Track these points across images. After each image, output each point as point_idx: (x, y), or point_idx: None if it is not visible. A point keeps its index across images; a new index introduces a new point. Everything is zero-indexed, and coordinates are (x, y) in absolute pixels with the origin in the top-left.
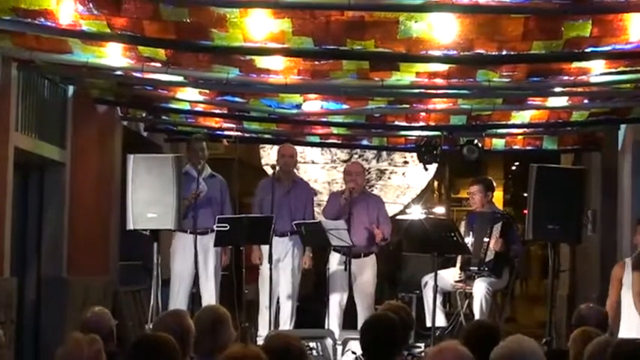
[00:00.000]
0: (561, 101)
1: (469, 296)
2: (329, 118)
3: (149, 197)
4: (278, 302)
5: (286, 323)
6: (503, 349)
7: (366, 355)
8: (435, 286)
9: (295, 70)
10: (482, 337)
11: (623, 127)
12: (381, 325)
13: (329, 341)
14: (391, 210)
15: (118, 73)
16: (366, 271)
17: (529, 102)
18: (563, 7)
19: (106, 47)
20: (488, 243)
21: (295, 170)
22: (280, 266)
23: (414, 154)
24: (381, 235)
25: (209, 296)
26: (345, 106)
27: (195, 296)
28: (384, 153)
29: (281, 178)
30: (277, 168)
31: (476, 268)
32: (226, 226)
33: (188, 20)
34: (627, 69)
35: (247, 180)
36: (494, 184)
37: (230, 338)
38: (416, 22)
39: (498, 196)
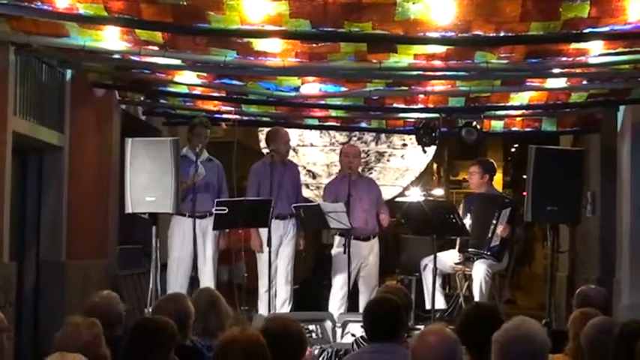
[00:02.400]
0: (560, 82)
1: (469, 278)
2: (327, 101)
3: (147, 181)
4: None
5: (283, 306)
6: (506, 330)
7: (370, 337)
8: (435, 268)
9: (293, 53)
10: (482, 319)
11: (622, 108)
12: (385, 307)
13: (328, 324)
14: (390, 192)
15: (116, 56)
16: (372, 253)
17: (527, 83)
18: None
19: (104, 31)
20: (495, 228)
21: (293, 153)
22: (280, 249)
23: (413, 137)
24: (386, 219)
25: (207, 279)
26: (343, 89)
27: (194, 279)
28: (383, 135)
29: (276, 162)
30: (276, 152)
31: (475, 250)
32: (225, 210)
33: (185, 3)
34: (626, 50)
35: (246, 163)
36: (495, 166)
37: (228, 316)
38: (414, 3)
39: (498, 178)
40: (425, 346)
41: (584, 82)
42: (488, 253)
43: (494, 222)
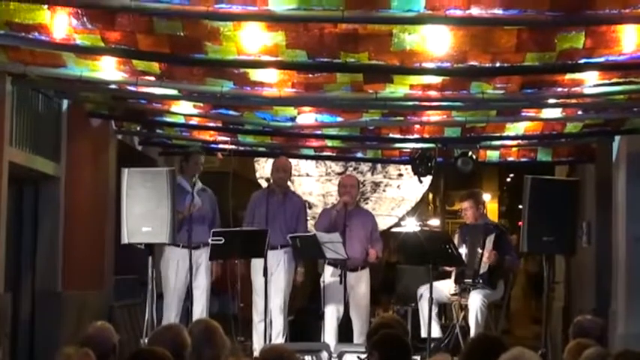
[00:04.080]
0: (555, 113)
1: (464, 308)
2: (323, 131)
3: (144, 211)
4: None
5: (278, 336)
6: None
7: None
8: (431, 297)
9: (289, 83)
10: (487, 350)
11: (617, 138)
12: (396, 345)
13: (324, 354)
14: (386, 222)
15: (112, 86)
16: (361, 284)
17: (523, 113)
18: (556, 19)
19: (100, 61)
20: (482, 255)
21: (290, 184)
22: (272, 279)
23: (409, 167)
24: (375, 254)
25: (200, 310)
26: (339, 119)
27: (189, 310)
28: (379, 165)
29: (274, 191)
30: (271, 181)
31: (470, 281)
32: (221, 240)
33: (182, 34)
34: (621, 80)
35: (242, 193)
36: (486, 195)
37: (225, 346)
38: (409, 34)
39: (493, 208)
40: None
41: (580, 113)
42: (480, 282)
43: (480, 249)
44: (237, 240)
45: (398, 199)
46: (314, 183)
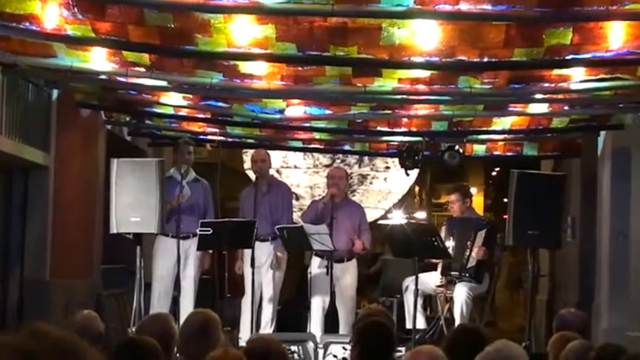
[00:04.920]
0: (542, 108)
1: (450, 300)
2: (312, 124)
3: (132, 201)
4: (260, 306)
5: (267, 326)
6: (489, 353)
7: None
8: (416, 289)
9: (279, 76)
10: (467, 342)
11: (602, 133)
12: (378, 332)
13: (310, 345)
14: (373, 215)
15: (103, 77)
16: (348, 275)
17: (510, 108)
18: (544, 15)
19: (91, 52)
20: (471, 250)
21: (277, 174)
22: (262, 271)
23: (396, 160)
24: (361, 245)
25: (188, 301)
26: (327, 112)
27: (176, 299)
28: (366, 158)
29: (258, 183)
30: (252, 173)
31: (457, 273)
32: (209, 230)
33: (172, 25)
34: (607, 76)
35: (230, 184)
36: (472, 188)
37: (219, 341)
38: (399, 28)
39: (479, 201)
40: None
41: (566, 108)
42: (467, 275)
43: (470, 244)
44: (225, 231)
45: (385, 191)
46: (302, 175)
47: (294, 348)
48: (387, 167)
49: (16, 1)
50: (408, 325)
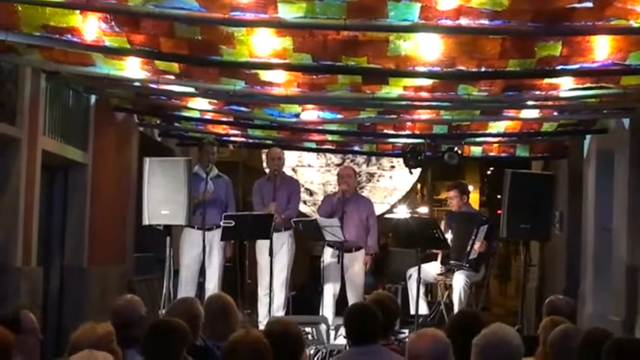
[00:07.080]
0: (533, 113)
1: (449, 287)
2: (324, 127)
3: (162, 196)
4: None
5: (279, 310)
6: (485, 335)
7: (352, 340)
8: (419, 278)
9: (295, 83)
10: (467, 325)
11: (588, 137)
12: (362, 313)
13: (323, 327)
14: (379, 209)
15: (136, 84)
16: (356, 264)
17: (504, 114)
18: (536, 30)
19: (126, 61)
20: (473, 243)
21: (293, 173)
22: (276, 259)
23: (401, 159)
24: (370, 260)
25: (213, 286)
26: (339, 116)
27: (202, 285)
28: (374, 158)
29: (271, 178)
30: (268, 170)
31: (456, 262)
32: (232, 223)
33: (200, 37)
34: (593, 85)
35: (251, 181)
36: (469, 186)
37: (237, 322)
38: (404, 41)
39: (475, 198)
40: (421, 347)
41: (555, 114)
42: (467, 265)
43: (473, 238)
44: (246, 223)
45: (390, 188)
46: (315, 173)
47: (308, 329)
48: (393, 166)
49: (60, 15)
50: (412, 311)
